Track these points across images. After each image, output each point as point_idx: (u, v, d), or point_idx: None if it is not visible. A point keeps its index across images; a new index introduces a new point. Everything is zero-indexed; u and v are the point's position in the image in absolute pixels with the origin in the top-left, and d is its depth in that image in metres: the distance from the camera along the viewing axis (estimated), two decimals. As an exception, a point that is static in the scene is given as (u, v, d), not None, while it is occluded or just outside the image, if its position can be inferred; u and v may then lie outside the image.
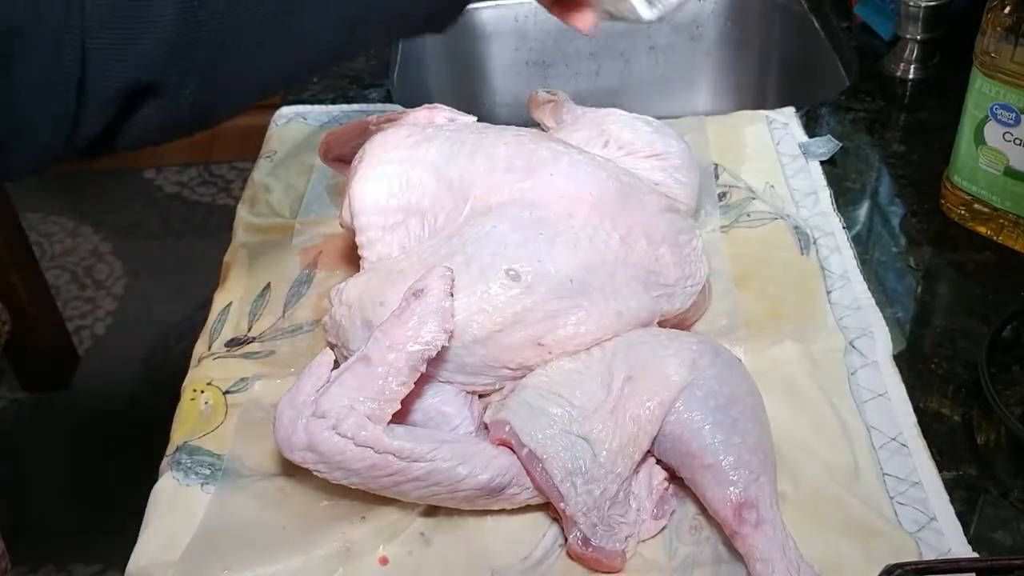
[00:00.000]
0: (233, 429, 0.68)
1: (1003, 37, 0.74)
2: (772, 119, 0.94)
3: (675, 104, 1.27)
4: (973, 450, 0.65)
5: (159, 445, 0.68)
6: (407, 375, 0.59)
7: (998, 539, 0.60)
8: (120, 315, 2.11)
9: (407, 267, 0.65)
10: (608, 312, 0.65)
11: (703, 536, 0.60)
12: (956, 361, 0.71)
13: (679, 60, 1.27)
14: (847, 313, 0.73)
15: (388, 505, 0.61)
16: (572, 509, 0.58)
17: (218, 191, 2.50)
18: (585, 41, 1.24)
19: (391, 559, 0.60)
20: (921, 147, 0.93)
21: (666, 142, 0.77)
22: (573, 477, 0.59)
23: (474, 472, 0.58)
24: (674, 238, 0.70)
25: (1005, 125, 0.77)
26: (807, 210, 0.83)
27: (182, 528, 0.62)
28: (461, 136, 0.72)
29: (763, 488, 0.58)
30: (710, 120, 0.95)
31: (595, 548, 0.57)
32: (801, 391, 0.67)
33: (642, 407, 0.60)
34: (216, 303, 0.79)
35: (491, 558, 0.59)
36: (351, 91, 1.05)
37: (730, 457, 0.58)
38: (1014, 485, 0.63)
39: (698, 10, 1.24)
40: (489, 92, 1.26)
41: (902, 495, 0.61)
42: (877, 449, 0.64)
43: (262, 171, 0.93)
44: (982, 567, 0.53)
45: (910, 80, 1.02)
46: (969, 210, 0.82)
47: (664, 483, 0.62)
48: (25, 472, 1.79)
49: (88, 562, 1.63)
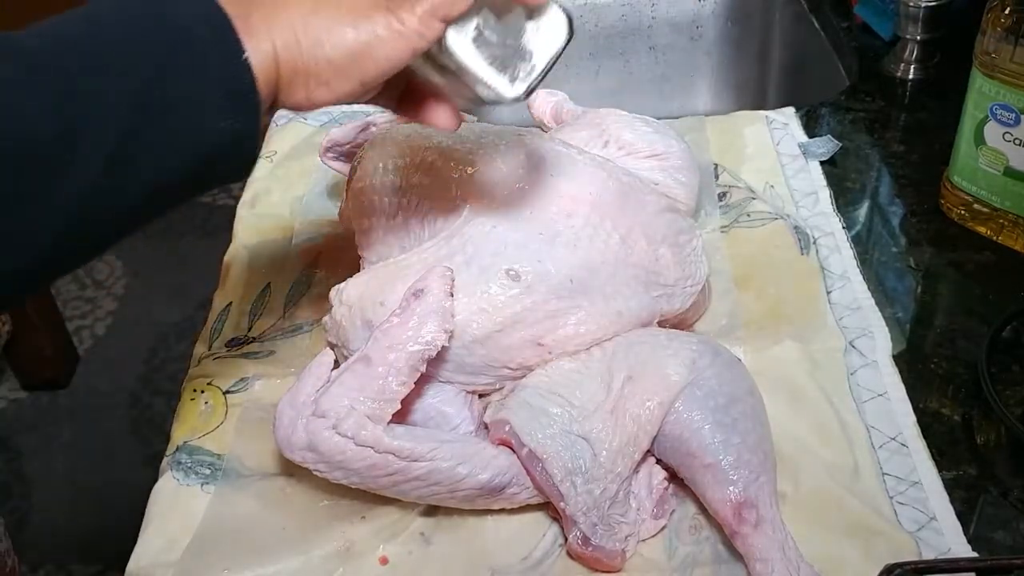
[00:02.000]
0: (233, 429, 0.68)
1: (1003, 37, 0.74)
2: (772, 119, 0.94)
3: (675, 104, 1.27)
4: (973, 450, 0.65)
5: (159, 445, 0.68)
6: (407, 375, 0.59)
7: (998, 539, 0.60)
8: (120, 315, 2.11)
9: (407, 267, 0.65)
10: (608, 312, 0.65)
11: (703, 536, 0.60)
12: (956, 361, 0.71)
13: (679, 60, 1.27)
14: (847, 313, 0.73)
15: (388, 505, 0.61)
16: (572, 509, 0.58)
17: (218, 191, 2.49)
18: (585, 41, 1.24)
19: (391, 559, 0.60)
20: (921, 147, 0.93)
21: (666, 142, 0.77)
22: (573, 477, 0.59)
23: (474, 472, 0.58)
24: (674, 238, 0.70)
25: (1005, 125, 0.77)
26: (807, 210, 0.83)
27: (182, 528, 0.62)
28: (461, 136, 0.72)
29: (763, 488, 0.58)
30: (710, 120, 0.95)
31: (595, 548, 0.58)
32: (801, 391, 0.67)
33: (642, 407, 0.60)
34: (216, 303, 0.79)
35: (491, 558, 0.59)
36: (351, 91, 1.05)
37: (730, 457, 0.58)
38: (1014, 485, 0.63)
39: (698, 10, 1.24)
40: (489, 92, 1.26)
41: (902, 495, 0.61)
42: (877, 449, 0.64)
43: (262, 171, 0.93)
44: (982, 567, 0.53)
45: (910, 80, 1.02)
46: (969, 210, 0.82)
47: (664, 483, 0.62)
48: (25, 472, 1.78)
49: (88, 562, 1.62)
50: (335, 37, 0.51)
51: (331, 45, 0.51)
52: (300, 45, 0.50)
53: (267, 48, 0.50)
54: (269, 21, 0.50)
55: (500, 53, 0.54)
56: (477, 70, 0.54)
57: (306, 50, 0.51)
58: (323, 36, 0.51)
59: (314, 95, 0.52)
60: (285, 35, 0.50)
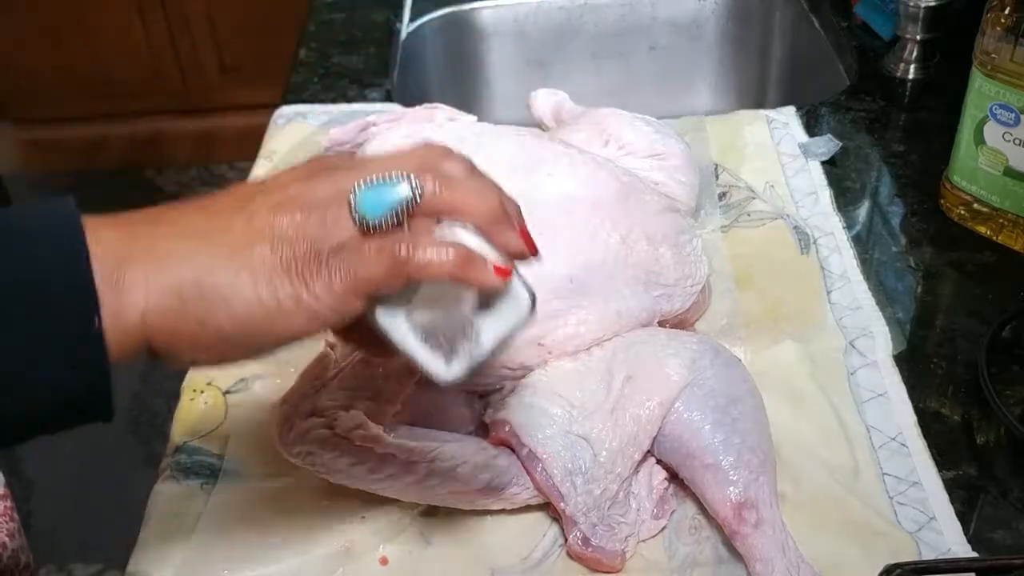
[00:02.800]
0: (233, 429, 0.68)
1: (1003, 37, 0.74)
2: (772, 119, 0.94)
3: (675, 104, 1.27)
4: (973, 450, 0.65)
5: (159, 445, 0.68)
6: (406, 374, 0.59)
7: (998, 539, 0.60)
8: (120, 315, 2.10)
9: (407, 267, 0.65)
10: (608, 312, 0.65)
11: (703, 536, 0.60)
12: (956, 361, 0.71)
13: (679, 60, 1.27)
14: (847, 313, 0.73)
15: (388, 505, 0.61)
16: (572, 509, 0.58)
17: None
18: (585, 41, 1.24)
19: (391, 559, 0.60)
20: (921, 147, 0.93)
21: (666, 142, 0.77)
22: (573, 477, 0.59)
23: (474, 472, 0.58)
24: (674, 238, 0.70)
25: (1005, 125, 0.77)
26: (807, 210, 0.83)
27: (182, 528, 0.62)
28: (460, 136, 0.72)
29: (763, 488, 0.58)
30: (710, 120, 0.95)
31: (595, 548, 0.57)
32: (801, 391, 0.67)
33: (642, 407, 0.60)
34: (216, 303, 0.79)
35: (491, 558, 0.59)
36: (351, 91, 1.05)
37: (730, 457, 0.58)
38: (1014, 485, 0.63)
39: (698, 10, 1.24)
40: (489, 92, 1.26)
41: (902, 495, 0.61)
42: (877, 449, 0.64)
43: (262, 171, 0.92)
44: (982, 567, 0.53)
45: (910, 80, 1.02)
46: (969, 210, 0.82)
47: (664, 483, 0.62)
48: (25, 472, 1.78)
49: (88, 562, 1.63)
50: (231, 307, 0.42)
51: (225, 316, 0.42)
52: (185, 310, 0.42)
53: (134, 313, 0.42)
54: (148, 279, 0.42)
55: (438, 329, 0.46)
56: (406, 348, 0.46)
57: (192, 316, 0.42)
58: (215, 305, 0.42)
59: (197, 360, 0.45)
60: (166, 299, 0.42)
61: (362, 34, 1.15)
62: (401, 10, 1.19)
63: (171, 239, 0.43)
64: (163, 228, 0.44)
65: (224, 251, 0.43)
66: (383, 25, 1.17)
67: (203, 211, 0.45)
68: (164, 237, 0.43)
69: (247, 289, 0.42)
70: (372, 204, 0.43)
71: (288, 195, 0.44)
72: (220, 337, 0.43)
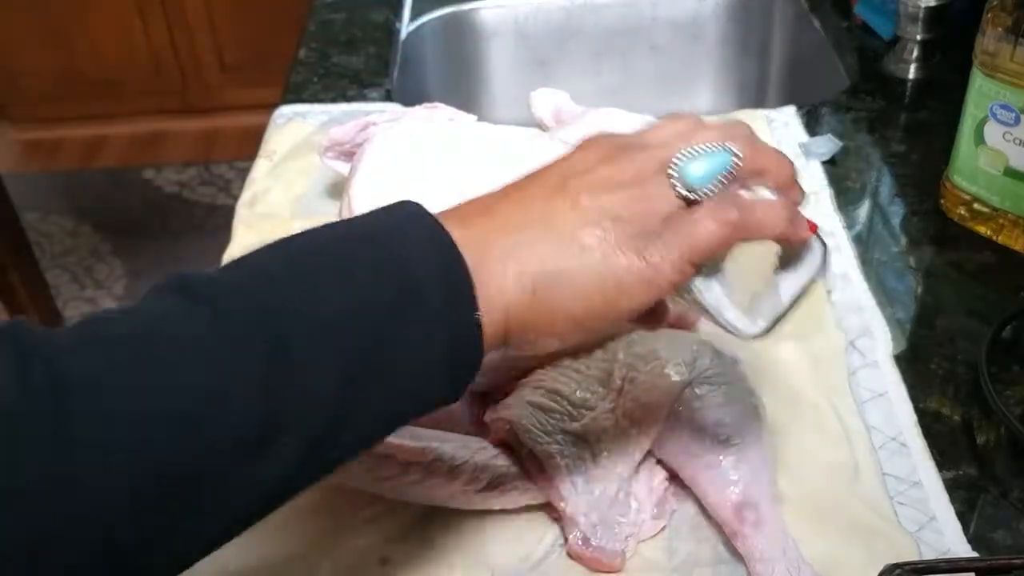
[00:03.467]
0: (233, 429, 0.68)
1: (1003, 37, 0.74)
2: (772, 118, 0.94)
3: (675, 104, 1.27)
4: (973, 450, 0.65)
5: (159, 445, 0.68)
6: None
7: (998, 539, 0.60)
8: (120, 315, 2.10)
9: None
10: (608, 312, 0.65)
11: (703, 536, 0.60)
12: (956, 361, 0.71)
13: (679, 60, 1.27)
14: (847, 313, 0.73)
15: (388, 505, 0.61)
16: (572, 509, 0.58)
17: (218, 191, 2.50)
18: (585, 41, 1.24)
19: (391, 559, 0.59)
20: (921, 147, 0.93)
21: (666, 142, 0.77)
22: (573, 477, 0.58)
23: (474, 472, 0.58)
24: (674, 238, 0.70)
25: (1005, 125, 0.77)
26: (807, 210, 0.83)
27: (182, 528, 0.62)
28: (460, 135, 0.72)
29: (763, 488, 0.58)
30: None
31: (595, 548, 0.57)
32: (801, 391, 0.67)
33: (642, 407, 0.60)
34: (216, 303, 0.79)
35: (491, 558, 0.59)
36: (351, 90, 1.05)
37: (730, 457, 0.58)
38: (1014, 485, 0.63)
39: (698, 9, 1.24)
40: (489, 92, 1.26)
41: (902, 495, 0.61)
42: (877, 449, 0.64)
43: (262, 171, 0.92)
44: (982, 567, 0.53)
45: (910, 80, 1.02)
46: (969, 210, 0.82)
47: (664, 483, 0.62)
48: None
49: (88, 562, 1.62)
50: (579, 292, 0.43)
51: (574, 300, 0.43)
52: (538, 299, 0.43)
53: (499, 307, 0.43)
54: (505, 273, 0.43)
55: (744, 287, 0.48)
56: (720, 309, 0.47)
57: (546, 304, 0.43)
58: (565, 291, 0.43)
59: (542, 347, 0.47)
60: (522, 291, 0.43)
61: (362, 34, 1.15)
62: (401, 10, 1.19)
63: (507, 232, 0.44)
64: (498, 222, 0.44)
65: (562, 238, 0.43)
66: (383, 25, 1.17)
67: (518, 203, 0.45)
68: (500, 231, 0.44)
69: (592, 272, 0.43)
70: (699, 173, 0.45)
71: (602, 176, 0.45)
72: (572, 322, 0.44)
